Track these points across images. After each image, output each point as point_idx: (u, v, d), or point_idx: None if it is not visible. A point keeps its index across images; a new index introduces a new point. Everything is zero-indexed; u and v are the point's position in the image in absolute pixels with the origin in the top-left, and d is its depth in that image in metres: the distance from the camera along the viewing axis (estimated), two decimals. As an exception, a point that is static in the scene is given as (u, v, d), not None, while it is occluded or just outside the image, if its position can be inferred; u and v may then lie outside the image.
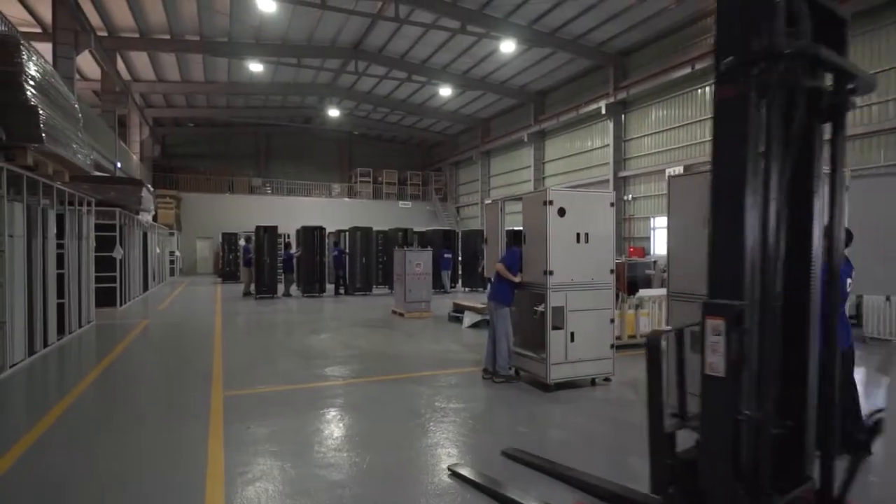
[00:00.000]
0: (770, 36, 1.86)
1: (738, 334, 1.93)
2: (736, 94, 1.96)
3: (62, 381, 5.93)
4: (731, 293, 2.01)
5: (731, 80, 1.93)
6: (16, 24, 17.53)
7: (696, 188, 4.22)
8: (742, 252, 2.00)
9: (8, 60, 5.60)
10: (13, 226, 6.21)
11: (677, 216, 4.33)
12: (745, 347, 1.96)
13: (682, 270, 4.32)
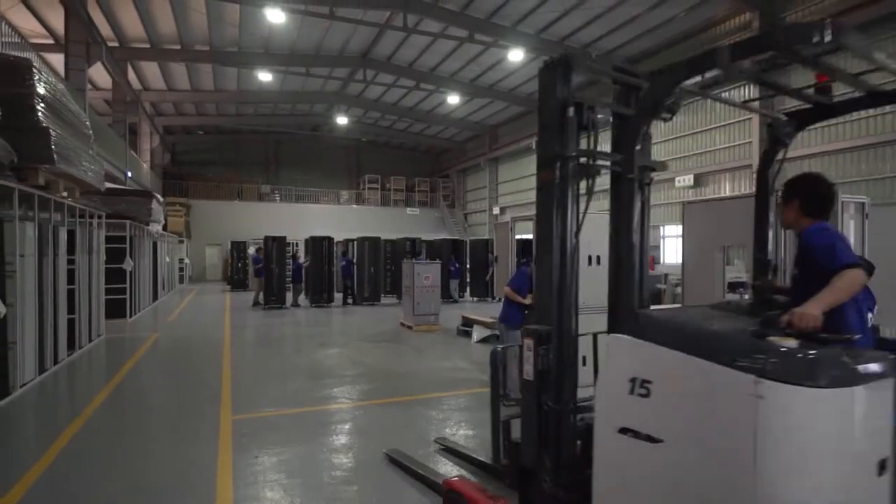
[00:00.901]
0: (561, 144, 2.61)
1: (543, 350, 2.59)
2: (550, 178, 2.65)
3: (70, 404, 5.94)
4: (543, 320, 2.66)
5: (546, 168, 2.65)
6: (28, 37, 17.75)
7: (709, 214, 4.15)
8: (550, 289, 2.67)
9: (20, 83, 5.64)
10: (25, 245, 6.24)
11: (691, 239, 4.26)
12: (548, 359, 2.59)
13: (696, 289, 4.25)
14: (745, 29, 16.38)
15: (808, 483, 1.72)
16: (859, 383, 1.81)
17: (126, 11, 17.32)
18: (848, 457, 1.77)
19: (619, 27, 18.13)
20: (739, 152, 16.97)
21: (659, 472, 1.97)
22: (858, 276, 2.13)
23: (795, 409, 1.72)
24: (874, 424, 1.86)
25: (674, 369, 1.97)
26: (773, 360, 1.76)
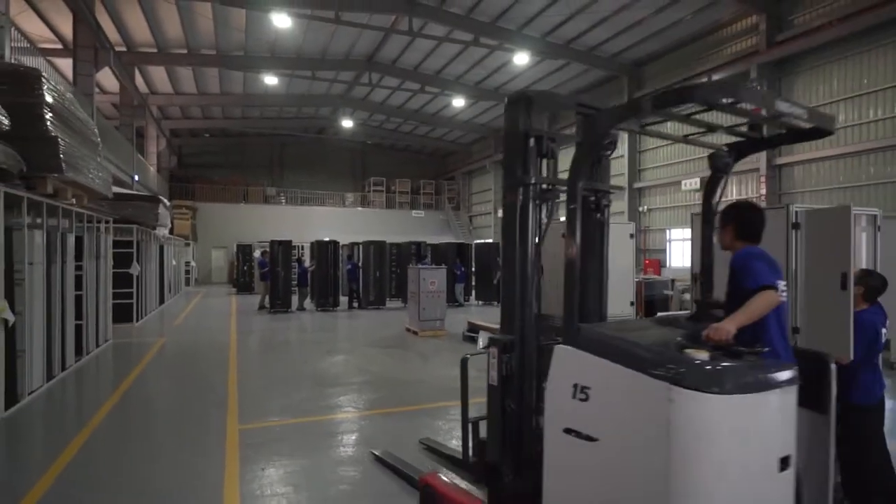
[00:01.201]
0: (523, 171, 2.91)
1: (506, 358, 2.84)
2: (513, 201, 2.91)
3: (78, 413, 5.95)
4: (507, 331, 2.91)
5: (509, 192, 2.94)
6: (37, 41, 17.87)
7: (721, 227, 4.12)
8: (512, 303, 2.91)
9: (29, 93, 5.67)
10: (33, 253, 6.27)
11: (701, 254, 4.22)
12: (510, 366, 2.84)
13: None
14: (752, 31, 16.30)
15: (714, 477, 1.96)
16: (760, 390, 2.08)
17: (133, 16, 17.42)
18: (750, 454, 2.03)
19: (625, 30, 18.08)
20: (746, 156, 16.86)
21: (595, 468, 2.24)
22: (771, 297, 2.38)
23: (701, 413, 1.97)
24: (777, 426, 2.11)
25: (607, 377, 2.22)
26: (683, 369, 2.02)
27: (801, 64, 15.13)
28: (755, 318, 2.36)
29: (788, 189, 15.62)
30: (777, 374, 2.15)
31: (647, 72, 20.47)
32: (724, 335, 2.21)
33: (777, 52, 15.16)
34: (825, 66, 14.57)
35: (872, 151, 13.59)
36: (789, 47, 14.85)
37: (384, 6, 17.33)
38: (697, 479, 1.97)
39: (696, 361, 2.06)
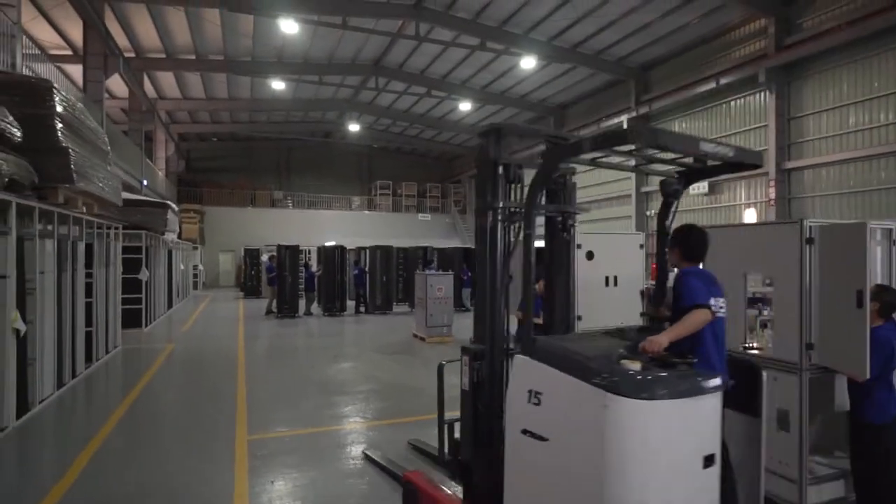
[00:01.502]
0: (492, 196, 3.14)
1: (477, 365, 3.11)
2: (484, 223, 3.16)
3: (87, 422, 5.97)
4: (478, 341, 3.18)
5: (481, 215, 3.20)
6: (47, 48, 18.06)
7: (731, 241, 4.08)
8: (483, 317, 3.16)
9: (40, 104, 5.72)
10: (44, 262, 6.32)
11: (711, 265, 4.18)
12: (481, 373, 3.10)
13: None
14: (760, 35, 16.20)
15: (644, 474, 2.23)
16: (685, 397, 2.33)
17: (142, 23, 17.56)
18: (676, 453, 2.29)
19: (631, 34, 18.01)
20: (755, 160, 16.75)
21: (546, 465, 2.51)
22: (703, 315, 2.70)
23: (632, 417, 2.23)
24: (701, 428, 2.37)
25: (555, 384, 2.48)
26: (617, 378, 2.27)
27: (811, 67, 15.02)
28: (687, 333, 2.65)
29: (798, 193, 15.50)
30: (701, 382, 2.40)
31: (653, 75, 20.39)
32: (657, 347, 2.52)
33: (786, 55, 15.05)
34: (835, 70, 14.45)
35: (883, 156, 13.45)
36: (798, 51, 14.74)
37: (391, 11, 17.37)
38: (629, 475, 2.23)
39: (630, 371, 2.34)
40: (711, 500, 2.40)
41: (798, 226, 3.52)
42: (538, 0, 16.46)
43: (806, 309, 3.50)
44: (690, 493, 2.32)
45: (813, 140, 15.11)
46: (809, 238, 3.48)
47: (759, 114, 16.58)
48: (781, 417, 3.66)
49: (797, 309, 3.54)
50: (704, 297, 2.76)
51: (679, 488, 2.29)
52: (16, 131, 5.01)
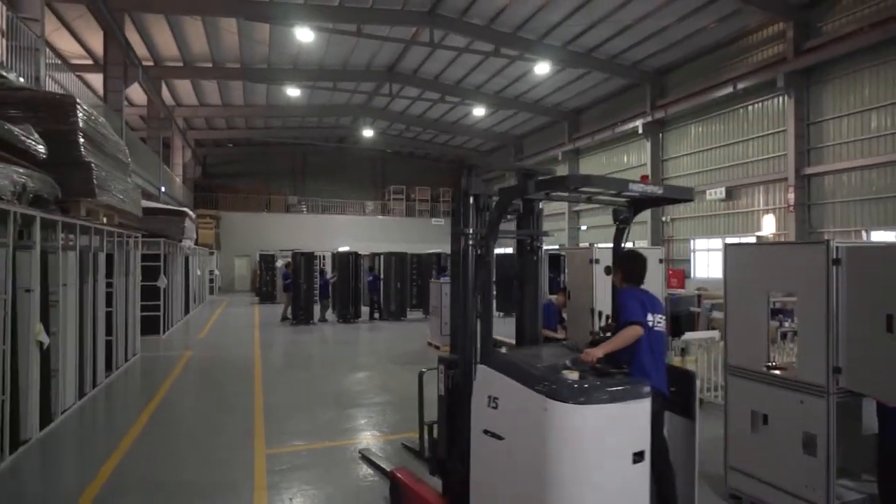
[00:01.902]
0: (464, 224, 3.46)
1: (451, 373, 3.43)
2: (457, 247, 3.48)
3: (108, 434, 6.03)
4: (453, 352, 3.49)
5: (455, 240, 3.49)
6: (68, 57, 18.40)
7: (755, 259, 4.02)
8: (457, 331, 3.45)
9: (64, 120, 5.82)
10: (67, 275, 6.42)
11: (735, 287, 4.11)
12: (454, 380, 3.41)
13: (741, 345, 4.09)
14: (779, 38, 15.98)
15: (579, 469, 2.61)
16: (615, 401, 2.70)
17: (161, 32, 17.83)
18: (608, 450, 2.67)
19: (647, 38, 17.89)
20: (774, 165, 16.53)
21: (502, 460, 2.90)
22: (634, 331, 3.07)
23: (568, 419, 2.61)
24: (631, 428, 2.73)
25: (508, 390, 2.88)
26: (555, 386, 2.67)
27: (831, 72, 14.78)
28: (620, 347, 3.05)
29: (818, 199, 15.24)
30: (631, 388, 2.78)
31: (669, 79, 20.22)
32: (592, 359, 2.95)
33: (805, 59, 14.83)
34: (856, 74, 14.20)
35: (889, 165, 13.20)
36: (818, 55, 14.51)
37: (405, 19, 17.44)
38: (566, 469, 2.61)
39: (567, 380, 2.74)
40: (641, 491, 2.76)
41: (825, 246, 3.44)
42: (553, 5, 16.42)
43: (833, 332, 3.43)
44: (621, 485, 2.69)
45: (833, 145, 14.87)
46: (836, 259, 3.41)
47: (777, 118, 16.35)
48: (808, 441, 3.59)
49: (823, 331, 3.47)
50: (638, 315, 3.14)
51: (611, 480, 2.66)
52: (41, 148, 5.11)
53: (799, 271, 3.67)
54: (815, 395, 3.55)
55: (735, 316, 4.11)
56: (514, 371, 2.90)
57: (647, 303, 3.26)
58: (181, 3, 15.51)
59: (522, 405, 2.76)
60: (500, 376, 2.97)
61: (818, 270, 3.47)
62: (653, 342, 3.21)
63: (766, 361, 4.07)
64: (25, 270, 5.38)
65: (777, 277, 3.90)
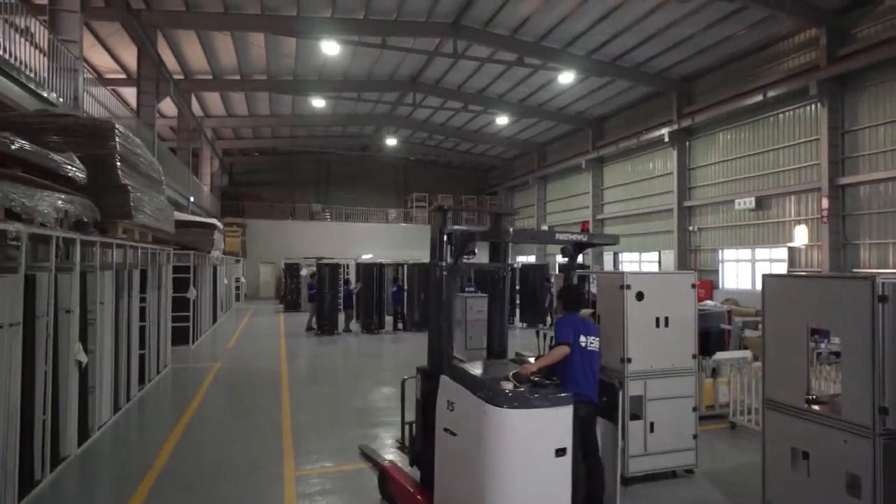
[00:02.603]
0: (439, 257, 4.21)
1: (426, 383, 4.11)
2: (434, 276, 4.25)
3: (142, 450, 6.13)
4: (428, 363, 4.25)
5: (432, 269, 4.23)
6: (103, 72, 18.97)
7: (794, 292, 3.91)
8: (433, 345, 4.21)
9: (103, 144, 6.00)
10: (104, 293, 6.59)
11: (773, 319, 4.02)
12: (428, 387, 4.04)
13: (780, 378, 3.99)
14: (811, 45, 15.62)
15: (512, 461, 3.27)
16: (541, 407, 3.39)
17: (191, 47, 18.27)
18: (535, 446, 3.33)
19: (673, 46, 17.67)
20: (806, 174, 16.12)
21: (456, 454, 3.60)
22: (562, 350, 3.76)
23: (502, 421, 3.29)
24: (554, 429, 3.39)
25: (461, 396, 3.57)
26: (492, 393, 3.38)
27: (867, 79, 14.37)
28: (549, 363, 3.75)
29: (853, 210, 14.80)
30: (554, 396, 3.46)
31: (696, 87, 19.91)
32: (526, 372, 3.62)
33: (839, 67, 14.45)
34: (894, 82, 13.78)
35: None
36: (853, 62, 14.13)
37: (430, 30, 17.55)
38: (502, 462, 3.28)
39: (503, 389, 3.41)
40: (563, 479, 3.41)
41: (870, 283, 3.34)
42: (577, 15, 16.35)
43: (879, 371, 3.32)
44: (546, 474, 3.36)
45: (869, 154, 14.44)
46: (882, 296, 3.30)
47: (810, 127, 15.96)
48: (852, 482, 3.47)
49: (869, 370, 3.36)
50: (568, 338, 3.82)
51: (537, 471, 3.33)
52: (82, 175, 5.27)
53: (842, 307, 3.57)
54: (860, 435, 3.43)
55: (773, 349, 4.01)
56: (465, 380, 3.64)
57: (580, 327, 3.94)
58: (212, 19, 15.87)
59: (469, 408, 3.47)
60: (455, 385, 3.67)
61: (863, 307, 3.37)
62: (585, 359, 3.87)
63: (806, 394, 3.96)
64: (66, 291, 5.54)
65: (818, 312, 3.79)
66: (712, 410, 7.24)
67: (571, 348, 3.76)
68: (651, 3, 15.17)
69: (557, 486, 3.36)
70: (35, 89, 8.08)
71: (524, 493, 3.28)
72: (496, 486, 3.24)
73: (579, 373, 3.79)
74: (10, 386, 4.44)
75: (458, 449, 3.55)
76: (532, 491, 3.29)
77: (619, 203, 24.61)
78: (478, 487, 3.31)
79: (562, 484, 3.38)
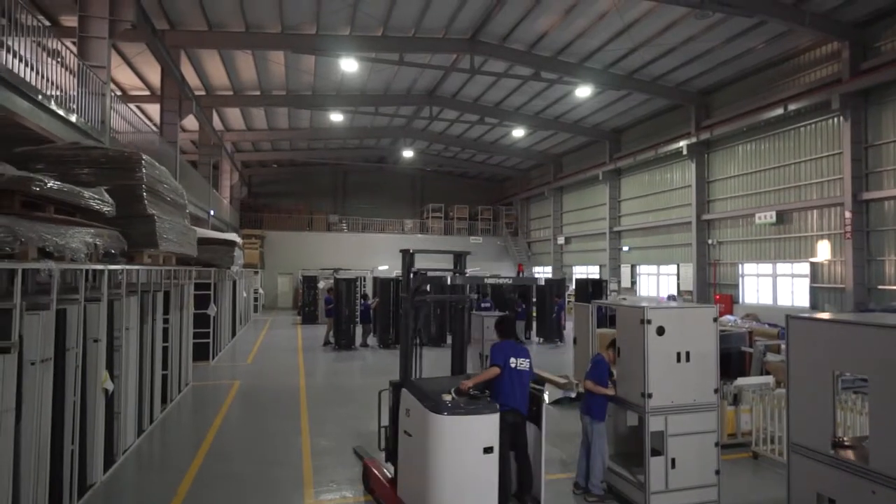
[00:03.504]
0: (406, 291, 5.11)
1: (395, 394, 5.03)
2: (404, 307, 5.24)
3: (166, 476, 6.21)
4: (400, 377, 5.09)
5: (402, 302, 5.14)
6: (127, 89, 19.42)
7: (821, 335, 3.86)
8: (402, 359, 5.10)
9: (130, 176, 6.15)
10: (129, 319, 6.74)
11: (799, 363, 3.96)
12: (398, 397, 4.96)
13: (805, 423, 3.93)
14: (833, 58, 15.42)
15: (448, 458, 4.17)
16: (470, 415, 4.27)
17: (213, 65, 18.65)
18: (466, 445, 4.20)
19: (692, 60, 17.58)
20: (829, 188, 15.86)
21: (411, 452, 4.54)
22: (493, 371, 4.65)
23: (440, 425, 4.19)
24: (483, 431, 4.27)
25: (413, 405, 4.51)
26: (433, 403, 4.28)
27: (891, 93, 14.14)
28: (482, 381, 4.65)
29: (878, 226, 14.52)
30: (482, 407, 4.37)
31: (715, 100, 19.75)
32: (465, 387, 4.52)
33: (862, 81, 14.23)
34: (919, 96, 13.53)
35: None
36: (876, 76, 13.91)
37: (447, 46, 17.68)
38: (441, 457, 4.18)
39: (442, 400, 4.32)
40: (490, 471, 4.28)
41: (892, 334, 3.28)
42: (594, 31, 16.35)
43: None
44: (475, 467, 4.23)
45: (894, 169, 14.16)
46: (911, 347, 3.24)
47: (832, 140, 15.72)
48: (882, 535, 3.40)
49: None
50: (498, 361, 4.69)
51: (467, 466, 4.22)
52: (110, 208, 5.41)
53: (870, 352, 3.51)
54: (890, 487, 3.37)
55: (798, 392, 3.95)
56: (416, 392, 4.58)
57: (510, 352, 4.76)
58: (233, 39, 16.19)
59: (418, 415, 4.42)
60: (411, 396, 4.60)
61: (892, 355, 3.31)
62: (514, 377, 4.70)
63: (832, 436, 3.90)
64: (94, 321, 5.68)
65: (846, 356, 3.73)
66: (734, 439, 7.13)
67: (502, 369, 4.63)
68: (669, 18, 15.13)
69: (486, 477, 4.25)
70: (65, 116, 8.31)
71: (459, 483, 4.18)
72: (437, 475, 4.18)
73: (508, 388, 4.63)
74: (40, 419, 4.56)
75: (412, 447, 4.50)
76: (465, 481, 4.20)
77: (637, 215, 24.42)
78: (425, 477, 4.24)
79: (490, 475, 4.26)
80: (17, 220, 3.92)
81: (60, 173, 5.93)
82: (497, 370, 4.60)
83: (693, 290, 20.37)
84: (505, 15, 15.90)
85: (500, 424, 4.32)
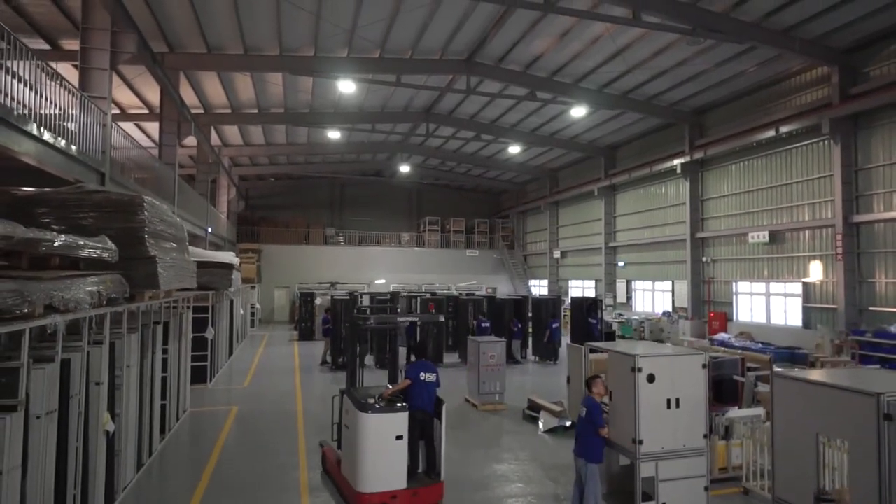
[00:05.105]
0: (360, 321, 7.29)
1: (342, 399, 6.92)
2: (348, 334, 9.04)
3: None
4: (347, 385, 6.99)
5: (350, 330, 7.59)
6: (126, 108, 19.55)
7: (805, 397, 4.01)
8: (350, 374, 7.10)
9: (132, 219, 6.27)
10: (130, 357, 6.83)
11: (784, 421, 4.10)
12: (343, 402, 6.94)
13: (789, 480, 4.07)
14: (823, 82, 15.70)
15: (370, 445, 5.92)
16: (386, 413, 6.03)
17: (211, 86, 18.81)
18: (382, 434, 5.94)
19: (685, 81, 17.85)
20: (821, 210, 16.09)
21: (349, 439, 6.30)
22: (406, 382, 6.42)
23: (366, 421, 5.96)
24: (395, 425, 6.00)
25: (350, 406, 6.35)
26: (361, 404, 6.07)
27: (880, 118, 14.39)
28: (398, 390, 6.39)
29: (868, 248, 14.73)
30: (394, 407, 6.07)
31: (709, 119, 20.02)
32: (386, 394, 6.33)
33: (851, 106, 14.50)
34: (907, 122, 13.78)
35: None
36: (865, 101, 14.17)
37: (443, 67, 17.89)
38: (365, 443, 5.88)
39: (368, 402, 6.03)
40: (401, 454, 5.96)
41: (874, 400, 3.43)
42: (589, 53, 16.59)
43: (886, 489, 3.39)
44: (391, 451, 5.89)
45: (884, 193, 14.40)
46: (887, 414, 3.39)
47: (823, 163, 15.97)
48: None
49: (875, 484, 3.44)
50: (411, 375, 6.40)
51: (383, 451, 5.87)
52: (113, 255, 5.52)
53: (849, 419, 3.65)
54: (869, 547, 3.50)
55: (783, 449, 4.09)
56: (352, 397, 6.31)
57: (420, 368, 6.46)
58: (232, 61, 16.36)
59: (352, 413, 6.11)
60: (348, 399, 6.39)
61: (868, 422, 3.46)
62: (423, 387, 6.40)
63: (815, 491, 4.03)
64: (96, 364, 5.77)
65: (828, 420, 3.87)
66: (725, 473, 7.23)
67: (413, 381, 6.35)
68: (661, 42, 15.38)
69: (397, 457, 5.93)
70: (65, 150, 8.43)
71: (378, 461, 5.83)
72: (362, 456, 5.84)
73: (417, 395, 6.35)
74: (45, 468, 4.65)
75: (349, 437, 6.18)
76: (382, 459, 5.84)
77: (633, 231, 24.64)
78: (356, 458, 5.89)
79: (400, 456, 5.96)
80: (25, 282, 4.04)
81: (63, 217, 6.07)
82: (409, 382, 6.37)
83: (688, 307, 20.54)
84: (501, 38, 16.13)
85: (409, 420, 5.99)
